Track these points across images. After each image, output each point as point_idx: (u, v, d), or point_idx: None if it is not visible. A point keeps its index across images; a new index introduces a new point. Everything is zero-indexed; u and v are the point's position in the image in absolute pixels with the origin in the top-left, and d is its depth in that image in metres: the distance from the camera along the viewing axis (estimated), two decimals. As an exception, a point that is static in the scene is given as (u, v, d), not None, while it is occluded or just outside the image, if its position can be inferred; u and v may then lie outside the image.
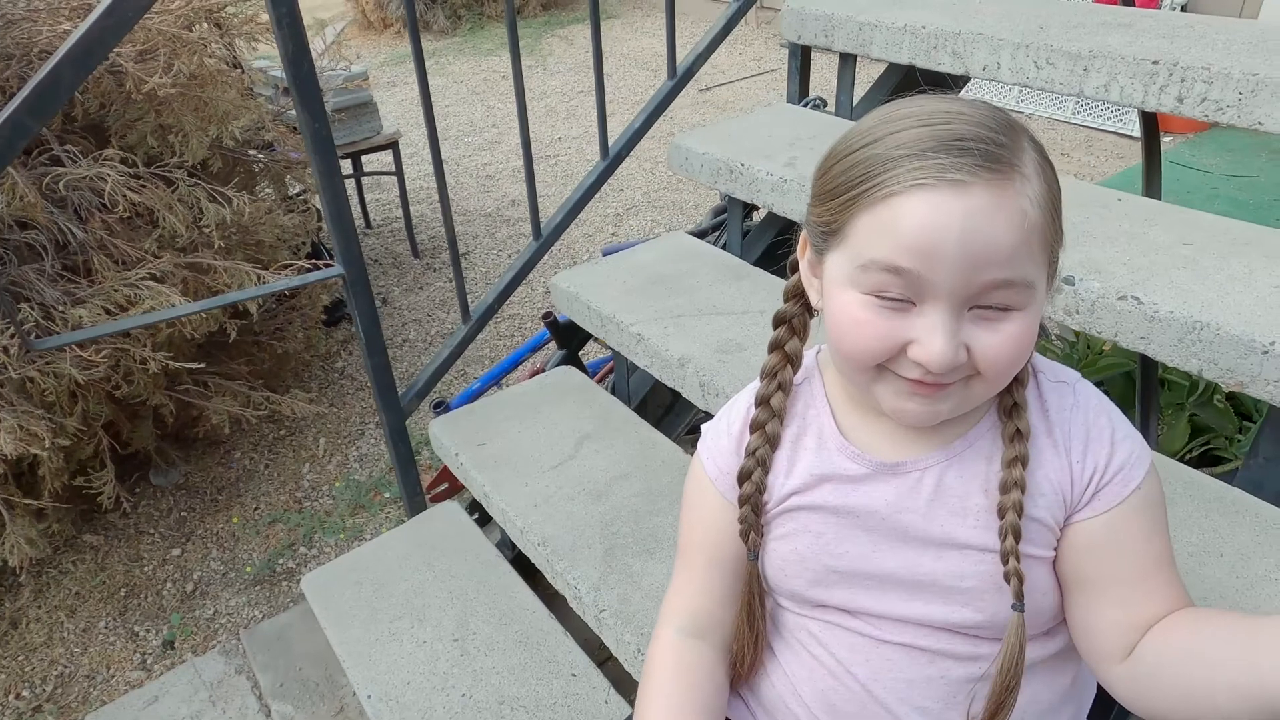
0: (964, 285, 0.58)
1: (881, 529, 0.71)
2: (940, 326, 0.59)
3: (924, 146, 0.58)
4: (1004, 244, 0.57)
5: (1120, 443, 0.67)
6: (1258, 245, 1.13)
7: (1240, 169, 3.61)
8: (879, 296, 0.61)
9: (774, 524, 0.76)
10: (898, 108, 0.62)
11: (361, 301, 1.45)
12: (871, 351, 0.62)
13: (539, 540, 1.33)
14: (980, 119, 0.59)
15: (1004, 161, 0.58)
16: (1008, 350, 0.60)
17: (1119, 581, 0.66)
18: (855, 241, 0.61)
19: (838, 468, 0.72)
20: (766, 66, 5.31)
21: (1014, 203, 0.57)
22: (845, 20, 1.61)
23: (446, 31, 6.80)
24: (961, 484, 0.69)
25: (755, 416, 0.76)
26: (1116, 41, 1.29)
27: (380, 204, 3.92)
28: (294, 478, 2.25)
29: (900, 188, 0.58)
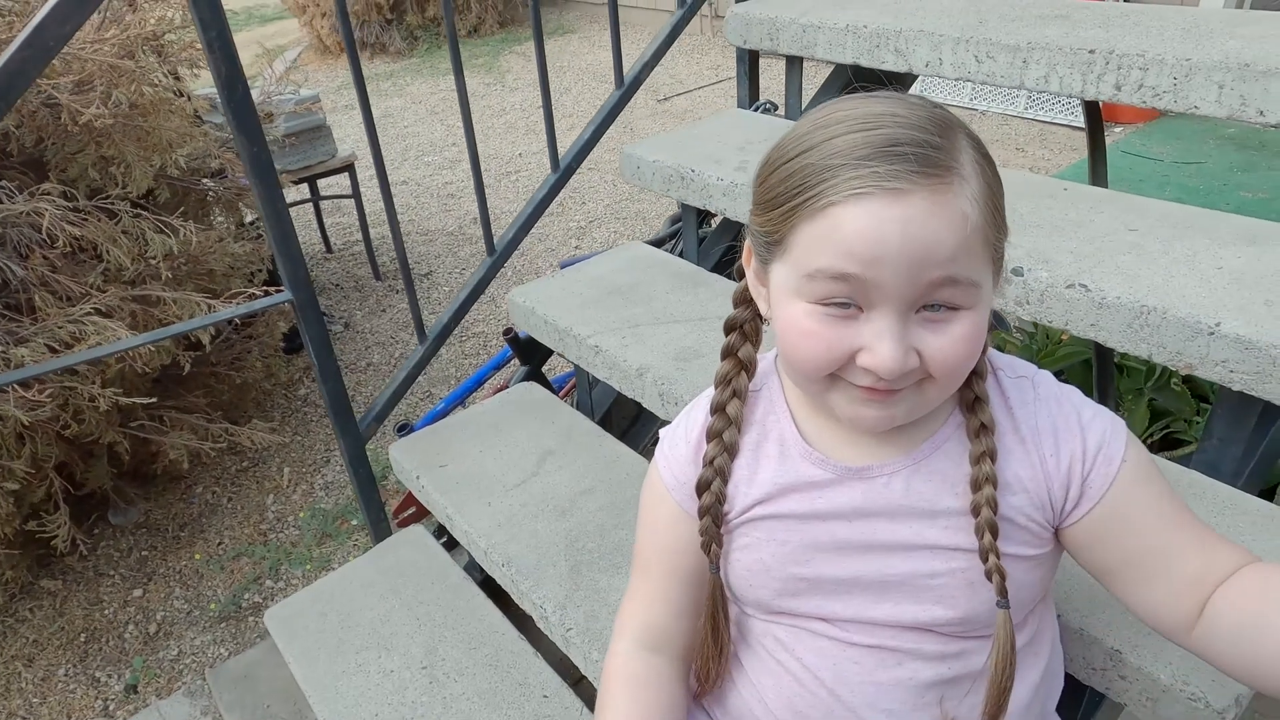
0: (908, 288, 0.57)
1: (848, 534, 0.69)
2: (888, 332, 0.58)
3: (859, 154, 0.57)
4: (946, 245, 0.57)
5: (1089, 424, 0.67)
6: (1200, 228, 1.14)
7: (1189, 156, 3.68)
8: (825, 304, 0.60)
9: (736, 534, 0.74)
10: (831, 111, 0.61)
11: (312, 326, 1.42)
12: (821, 361, 0.61)
13: (503, 560, 1.31)
14: (915, 120, 0.58)
15: (941, 165, 0.57)
16: (958, 351, 0.60)
17: (1147, 557, 0.65)
18: (798, 252, 0.60)
19: (802, 475, 0.71)
20: (724, 75, 5.34)
21: (953, 205, 0.57)
22: (789, 23, 1.62)
23: (404, 52, 6.78)
24: (930, 486, 0.68)
25: (711, 425, 0.74)
26: (1054, 33, 1.30)
27: (340, 227, 3.88)
28: (258, 510, 2.21)
29: (839, 198, 0.57)
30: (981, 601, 0.67)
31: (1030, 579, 0.69)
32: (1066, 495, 0.66)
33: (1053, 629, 0.79)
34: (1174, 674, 0.80)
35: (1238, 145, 3.72)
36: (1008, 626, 0.67)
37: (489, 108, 5.29)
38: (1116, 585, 0.67)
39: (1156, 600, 0.65)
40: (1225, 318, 0.94)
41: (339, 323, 3.05)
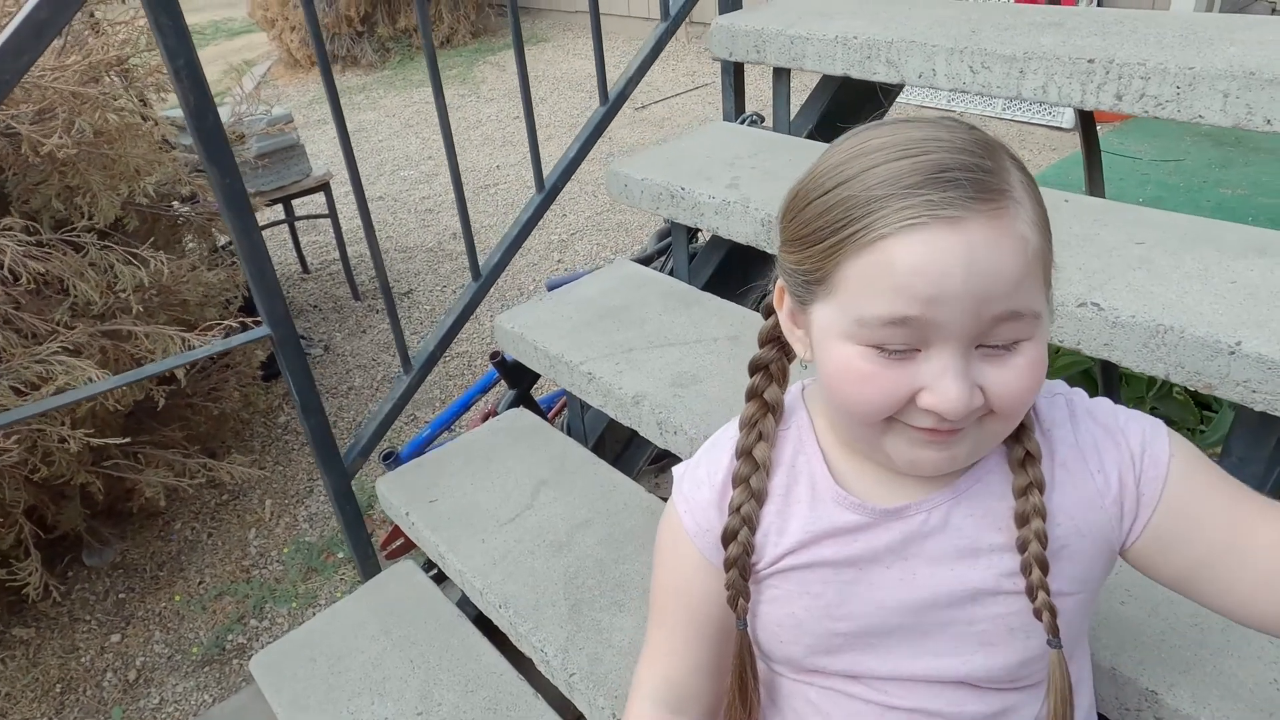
0: (972, 325, 0.54)
1: (885, 579, 0.66)
2: (951, 370, 0.54)
3: (907, 182, 0.53)
4: (1009, 277, 0.53)
5: (1127, 428, 0.64)
6: (1208, 240, 1.12)
7: (1167, 154, 3.69)
8: (880, 349, 0.56)
9: (765, 586, 0.70)
10: (866, 139, 0.57)
11: (292, 360, 1.36)
12: (879, 406, 0.57)
13: (500, 602, 1.26)
14: (960, 144, 0.55)
15: (995, 189, 0.54)
16: (1023, 384, 0.56)
17: (1222, 549, 0.61)
18: (847, 292, 0.56)
19: (835, 521, 0.66)
20: (700, 81, 5.31)
21: (1013, 230, 0.54)
22: (776, 34, 1.58)
23: (376, 65, 6.70)
24: (972, 523, 0.64)
25: (738, 470, 0.69)
26: (1050, 41, 1.27)
27: (317, 246, 3.81)
28: (240, 545, 2.13)
29: (890, 229, 0.53)
30: (1025, 648, 0.64)
31: (1076, 617, 0.66)
32: (1122, 509, 0.63)
33: (1088, 671, 0.76)
34: (1214, 716, 0.77)
35: (1214, 142, 3.74)
36: (1062, 667, 0.63)
37: (465, 119, 5.23)
38: (1201, 590, 0.62)
39: (1247, 592, 0.60)
40: (1245, 336, 0.91)
41: (319, 346, 2.98)
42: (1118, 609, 0.87)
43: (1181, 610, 0.87)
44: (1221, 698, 0.78)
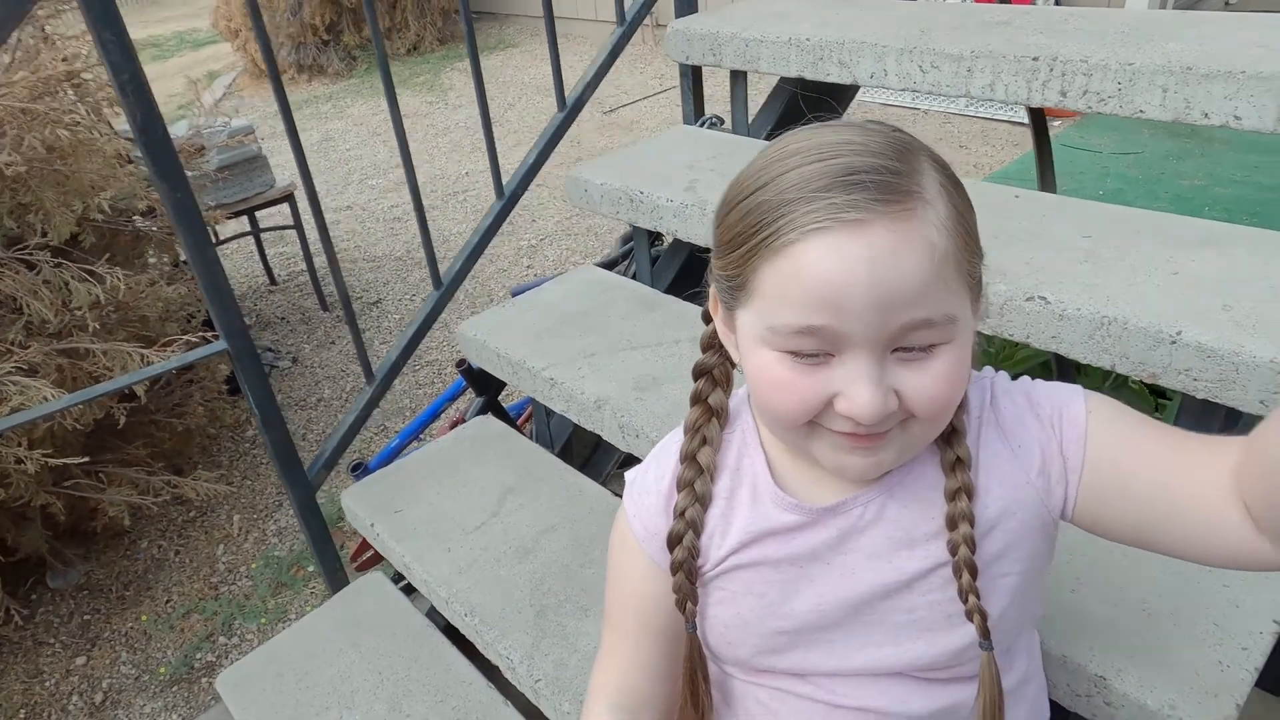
0: (880, 332, 0.54)
1: (826, 575, 0.66)
2: (863, 376, 0.55)
3: (815, 186, 0.53)
4: (914, 283, 0.53)
5: (1039, 400, 0.64)
6: (1152, 232, 1.14)
7: (1126, 146, 3.75)
8: (795, 355, 0.56)
9: (711, 588, 0.70)
10: (786, 143, 0.58)
11: (251, 375, 1.35)
12: (796, 411, 0.58)
13: (465, 610, 1.25)
14: (873, 146, 0.55)
15: (902, 190, 0.54)
16: (939, 390, 0.56)
17: (1163, 494, 0.59)
18: (762, 299, 0.57)
19: (775, 521, 0.67)
20: (668, 84, 5.33)
21: (918, 233, 0.53)
22: (731, 37, 1.59)
23: (342, 74, 6.65)
24: (907, 514, 0.65)
25: (682, 475, 0.70)
26: (997, 40, 1.29)
27: (284, 258, 3.77)
28: (208, 562, 2.11)
29: (796, 235, 0.53)
30: (964, 634, 0.64)
31: (1019, 598, 0.66)
32: (1050, 479, 0.63)
33: (1037, 660, 0.77)
34: (1160, 700, 0.78)
35: (1171, 134, 3.80)
36: (992, 669, 0.64)
37: (432, 126, 5.21)
38: (1156, 539, 0.60)
39: (1203, 531, 0.57)
40: (1186, 326, 0.93)
41: (286, 358, 2.95)
42: (1068, 596, 0.89)
43: (1130, 595, 0.89)
44: (1168, 681, 0.80)
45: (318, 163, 4.89)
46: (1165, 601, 0.88)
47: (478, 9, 7.63)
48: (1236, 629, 0.84)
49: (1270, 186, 3.26)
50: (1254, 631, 0.83)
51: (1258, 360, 0.88)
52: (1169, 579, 0.90)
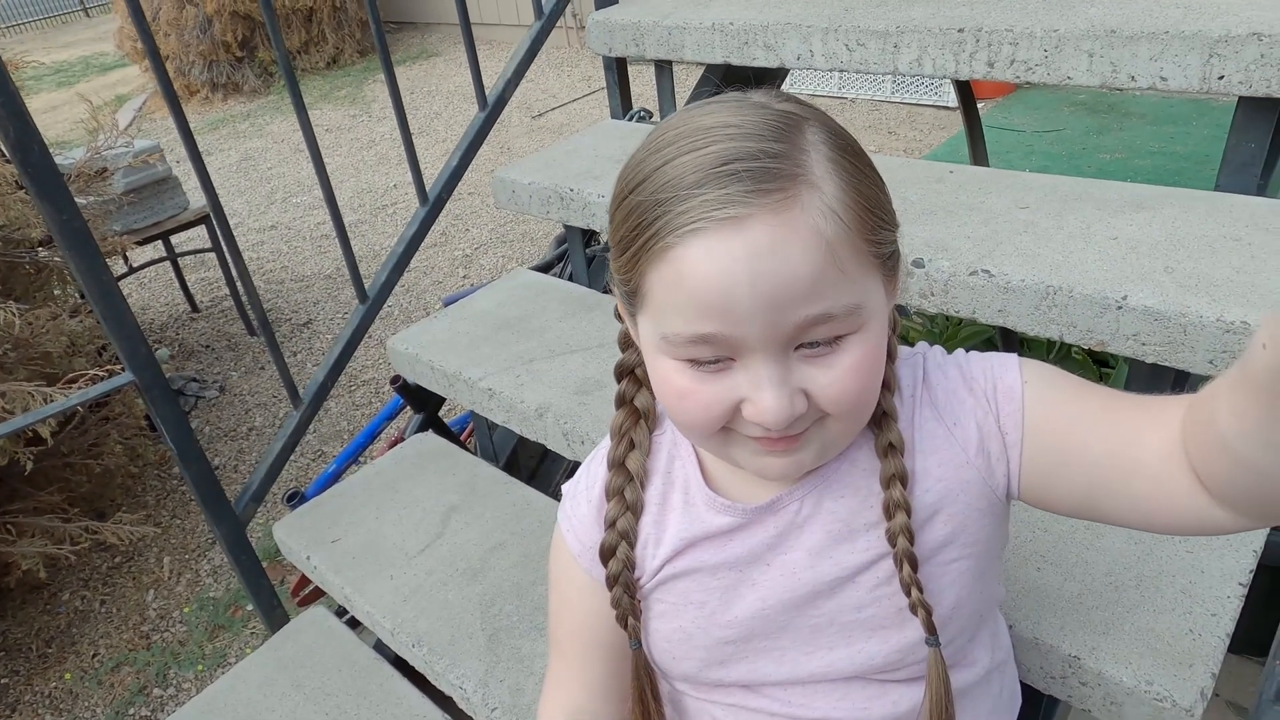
0: (774, 331, 0.49)
1: (767, 578, 0.62)
2: (765, 380, 0.51)
3: (689, 181, 0.49)
4: (803, 277, 0.48)
5: (973, 374, 0.60)
6: (1086, 198, 1.13)
7: (1049, 124, 3.84)
8: (694, 363, 0.52)
9: (651, 600, 0.66)
10: (664, 131, 0.53)
11: (163, 407, 1.25)
12: (703, 421, 0.54)
13: (413, 640, 1.18)
14: (750, 128, 0.50)
15: (783, 176, 0.49)
16: (849, 385, 0.52)
17: (1107, 461, 0.55)
18: (654, 305, 0.52)
19: (709, 525, 0.63)
20: (595, 85, 5.28)
21: (803, 224, 0.48)
22: (653, 26, 1.55)
23: (259, 91, 6.45)
24: (844, 504, 0.61)
25: (610, 483, 0.66)
26: (920, 14, 1.27)
27: (206, 283, 3.61)
28: (137, 609, 1.98)
29: (673, 238, 0.49)
30: (917, 629, 0.61)
31: (973, 584, 0.62)
32: (990, 457, 0.59)
33: (1005, 649, 0.73)
34: (1136, 675, 0.76)
35: (1090, 110, 3.90)
36: (939, 666, 0.60)
37: (357, 140, 5.07)
38: (1104, 510, 0.57)
39: (1155, 499, 0.53)
40: (1130, 290, 0.92)
41: (213, 387, 2.81)
42: (1034, 576, 0.86)
43: (1095, 569, 0.86)
44: (1141, 654, 0.77)
45: (238, 182, 4.71)
46: (1130, 572, 0.86)
47: (398, 19, 7.48)
48: (1204, 594, 0.82)
49: (1185, 155, 3.36)
50: (1221, 596, 0.82)
51: (1204, 320, 0.86)
52: (1132, 549, 0.88)
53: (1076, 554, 0.88)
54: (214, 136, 5.56)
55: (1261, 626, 1.08)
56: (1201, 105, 3.72)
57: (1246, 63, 0.99)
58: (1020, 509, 0.95)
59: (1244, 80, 1.00)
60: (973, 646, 0.67)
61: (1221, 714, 1.47)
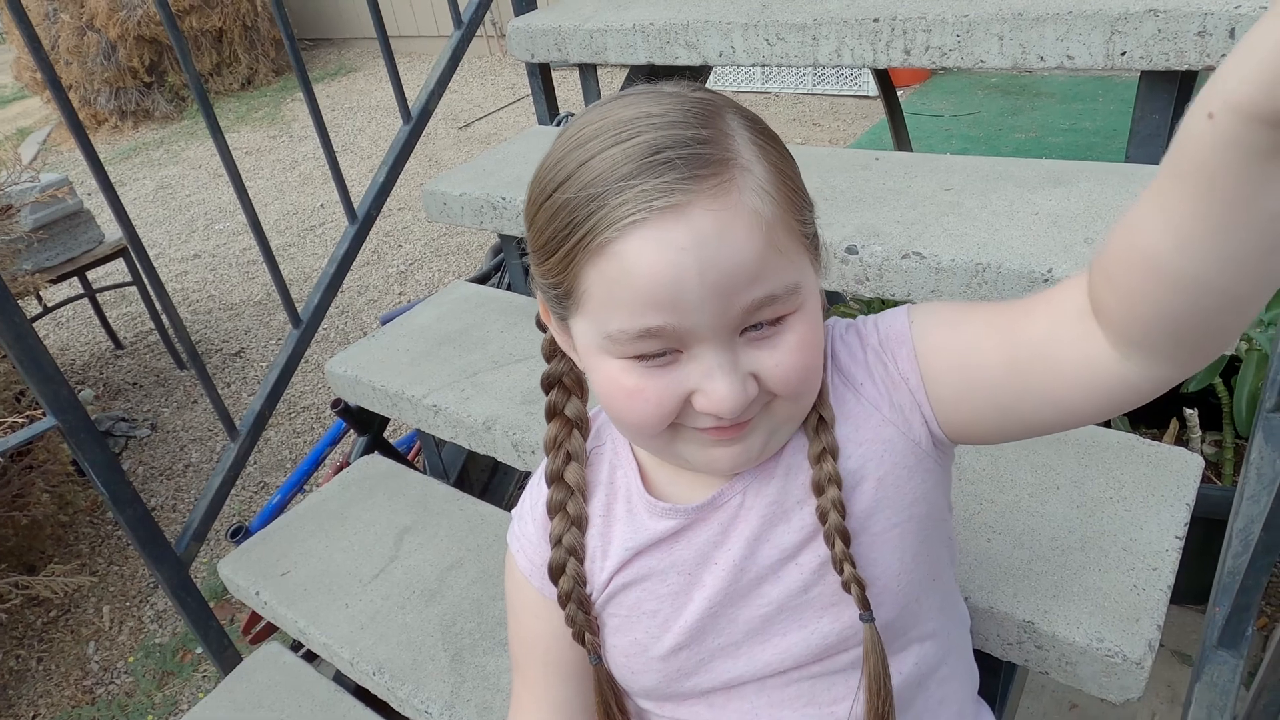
0: (723, 318, 0.49)
1: (714, 578, 0.61)
2: (717, 368, 0.50)
3: (622, 173, 0.48)
4: (749, 259, 0.49)
5: (867, 330, 0.60)
6: (1006, 177, 1.16)
7: (965, 108, 3.95)
8: (640, 359, 0.51)
9: (605, 615, 0.65)
10: (583, 125, 0.52)
11: (90, 451, 1.20)
12: (654, 418, 0.53)
13: (373, 668, 1.15)
14: (674, 115, 0.50)
15: (716, 160, 0.48)
16: (796, 361, 0.52)
17: (1011, 371, 0.52)
18: (592, 305, 0.51)
19: (652, 531, 0.62)
20: (520, 93, 5.25)
21: (743, 206, 0.49)
22: (574, 30, 1.54)
23: (172, 116, 6.23)
24: (775, 484, 0.60)
25: (551, 498, 0.64)
26: (836, 6, 1.29)
27: (129, 318, 3.47)
28: (78, 663, 1.89)
29: (612, 232, 0.48)
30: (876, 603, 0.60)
31: (916, 548, 0.61)
32: (903, 408, 0.58)
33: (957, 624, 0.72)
34: (1088, 634, 0.78)
35: (1003, 93, 4.03)
36: (875, 641, 0.59)
37: (279, 161, 4.94)
38: (1027, 421, 0.54)
39: (1057, 381, 0.50)
40: (1055, 263, 0.95)
41: (144, 426, 2.70)
42: (984, 546, 0.88)
43: (1041, 535, 0.89)
44: (1091, 613, 0.80)
45: (156, 212, 4.55)
46: (1075, 535, 0.89)
47: (313, 35, 7.32)
48: (1144, 550, 0.85)
49: (1095, 131, 3.50)
50: (1160, 550, 0.85)
51: (1125, 287, 0.89)
52: (1074, 512, 0.91)
53: (1023, 522, 0.91)
54: (127, 166, 5.35)
55: (1199, 577, 1.13)
56: (1107, 82, 3.88)
57: (1145, 38, 1.03)
58: (964, 483, 0.98)
59: (1144, 55, 1.04)
60: (925, 618, 0.66)
61: (1168, 663, 1.53)
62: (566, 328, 0.56)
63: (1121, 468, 0.96)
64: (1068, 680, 0.81)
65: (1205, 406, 1.66)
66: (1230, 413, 1.61)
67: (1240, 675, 0.89)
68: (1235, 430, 1.61)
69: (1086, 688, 0.80)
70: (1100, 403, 0.50)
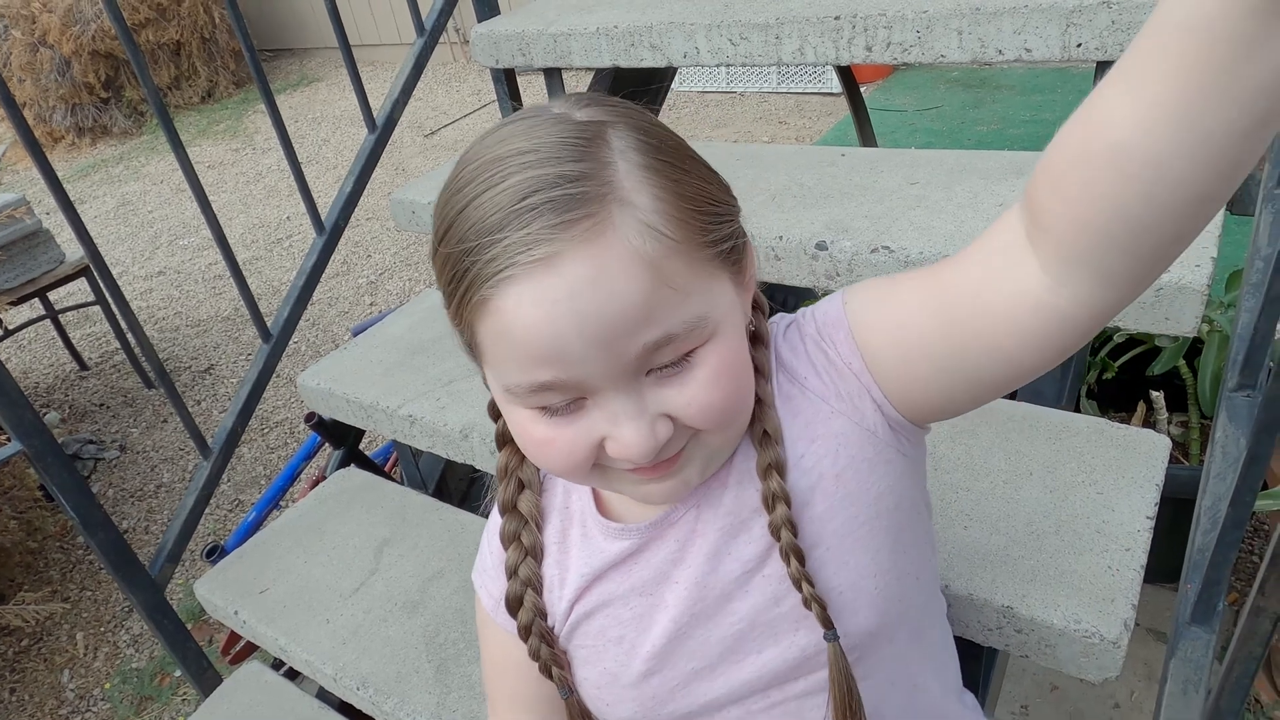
0: (616, 366, 0.47)
1: (676, 594, 0.59)
2: (622, 414, 0.48)
3: (490, 224, 0.45)
4: (632, 304, 0.45)
5: (805, 322, 0.58)
6: (969, 169, 1.18)
7: (927, 102, 4.00)
8: (545, 409, 0.50)
9: (571, 645, 0.63)
10: (462, 166, 0.49)
11: (59, 475, 1.17)
12: (569, 466, 0.51)
13: (358, 683, 1.14)
14: (547, 150, 0.46)
15: (589, 199, 0.45)
16: (710, 396, 0.49)
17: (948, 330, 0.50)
18: (489, 357, 0.49)
19: (608, 553, 0.60)
20: (487, 98, 5.23)
21: (622, 248, 0.45)
22: (538, 35, 1.54)
23: (131, 132, 6.13)
24: (730, 493, 0.57)
25: (504, 528, 0.62)
26: (798, 5, 1.30)
27: (93, 338, 3.41)
28: (52, 693, 1.85)
29: (488, 290, 0.46)
30: (840, 610, 0.57)
31: (890, 545, 0.57)
32: (850, 395, 0.55)
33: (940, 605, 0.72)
34: (1065, 616, 0.79)
35: (964, 86, 4.09)
36: (840, 661, 0.56)
37: (243, 174, 4.88)
38: (969, 373, 0.50)
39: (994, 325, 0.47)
40: (1020, 252, 0.96)
41: (113, 447, 2.65)
42: (961, 534, 0.90)
43: (1017, 520, 0.90)
44: (1068, 596, 0.81)
45: (118, 229, 4.47)
46: (1049, 519, 0.90)
47: (274, 46, 7.24)
48: (1117, 531, 0.87)
49: (1054, 121, 3.54)
50: (1132, 531, 0.86)
51: (1089, 273, 0.91)
52: (1047, 497, 0.92)
53: (998, 508, 0.92)
54: (86, 183, 5.26)
55: (1170, 556, 1.16)
56: (1065, 74, 3.94)
57: (1100, 29, 1.05)
58: (939, 471, 0.99)
59: (1099, 47, 1.06)
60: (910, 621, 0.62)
61: (1144, 641, 1.56)
62: (482, 371, 0.54)
63: (1092, 451, 0.97)
64: (1047, 662, 0.82)
65: (1171, 388, 1.69)
66: (1195, 394, 1.64)
67: (1213, 650, 0.91)
68: (1200, 411, 1.65)
69: (1066, 669, 0.81)
70: (1038, 342, 0.46)
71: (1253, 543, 1.67)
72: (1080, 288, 0.43)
